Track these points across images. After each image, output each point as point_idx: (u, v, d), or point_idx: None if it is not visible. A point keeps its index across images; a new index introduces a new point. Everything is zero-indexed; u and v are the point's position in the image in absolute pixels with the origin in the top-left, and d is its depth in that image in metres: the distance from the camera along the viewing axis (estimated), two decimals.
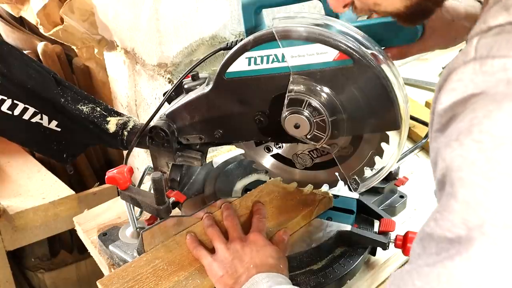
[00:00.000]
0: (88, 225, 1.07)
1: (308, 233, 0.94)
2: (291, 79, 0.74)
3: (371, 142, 0.81)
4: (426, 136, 1.34)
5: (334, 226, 0.94)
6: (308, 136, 0.77)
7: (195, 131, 0.87)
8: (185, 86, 0.89)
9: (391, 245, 0.91)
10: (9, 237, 1.57)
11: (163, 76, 1.28)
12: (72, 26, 1.43)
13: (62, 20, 1.44)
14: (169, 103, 0.92)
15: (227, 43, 0.84)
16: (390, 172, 1.09)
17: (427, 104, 1.57)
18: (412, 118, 1.42)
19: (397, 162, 1.22)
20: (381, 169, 0.84)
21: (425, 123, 1.39)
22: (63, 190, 1.59)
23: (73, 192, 1.58)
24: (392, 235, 0.91)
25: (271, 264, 0.80)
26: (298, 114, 0.75)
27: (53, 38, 1.50)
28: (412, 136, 1.41)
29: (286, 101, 0.75)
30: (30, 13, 1.55)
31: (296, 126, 0.76)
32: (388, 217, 0.96)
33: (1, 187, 1.59)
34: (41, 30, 1.50)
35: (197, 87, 0.87)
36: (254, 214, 0.91)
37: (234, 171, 1.11)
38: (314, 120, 0.75)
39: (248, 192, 1.01)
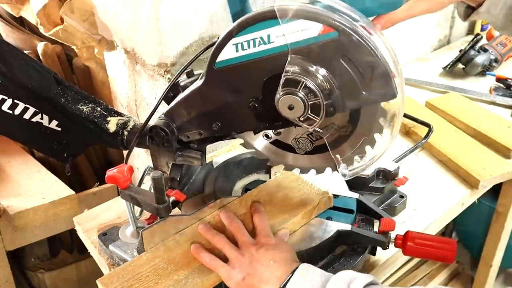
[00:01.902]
0: (88, 225, 1.07)
1: (308, 233, 0.94)
2: (288, 59, 0.72)
3: (364, 130, 0.80)
4: (426, 136, 1.34)
5: (334, 226, 0.94)
6: (302, 118, 0.76)
7: (194, 127, 0.86)
8: (181, 84, 0.89)
9: (391, 245, 0.91)
10: (9, 237, 1.57)
11: (163, 76, 1.28)
12: (72, 26, 1.43)
13: (62, 20, 1.44)
14: (168, 104, 0.92)
15: (218, 37, 0.84)
16: (390, 172, 1.10)
17: (427, 104, 1.58)
18: (412, 118, 1.42)
19: (396, 161, 1.23)
20: (371, 159, 0.83)
21: (425, 123, 1.39)
22: (63, 190, 1.59)
23: (73, 192, 1.58)
24: (392, 235, 0.91)
25: (292, 258, 0.81)
26: (293, 95, 0.74)
27: (53, 38, 1.50)
28: (412, 136, 1.41)
29: (282, 81, 0.74)
30: (30, 13, 1.55)
31: (290, 108, 0.75)
32: (388, 217, 0.96)
33: (1, 187, 1.59)
34: (41, 30, 1.50)
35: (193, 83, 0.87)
36: (254, 214, 0.91)
37: (234, 171, 1.11)
38: (309, 102, 0.74)
39: (248, 192, 1.01)
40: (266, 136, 0.93)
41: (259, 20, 0.72)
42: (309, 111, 0.75)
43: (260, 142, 0.94)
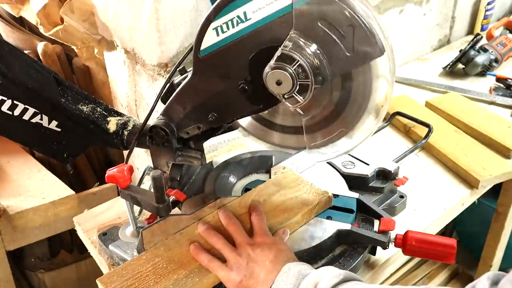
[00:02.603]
0: (88, 225, 1.07)
1: (308, 232, 0.94)
2: (290, 33, 0.71)
3: (345, 121, 0.80)
4: (426, 136, 1.34)
5: (334, 225, 0.94)
6: (286, 96, 0.75)
7: (191, 121, 0.86)
8: (175, 82, 0.89)
9: (391, 245, 0.91)
10: (9, 237, 1.57)
11: (163, 76, 1.28)
12: (72, 26, 1.43)
13: (62, 20, 1.44)
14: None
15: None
16: (390, 172, 1.10)
17: (427, 104, 1.58)
18: (412, 118, 1.42)
19: (396, 161, 1.23)
20: (347, 150, 0.84)
21: (425, 123, 1.39)
22: (63, 190, 1.58)
23: (73, 192, 1.58)
24: (392, 235, 0.92)
25: (287, 256, 0.81)
26: (283, 70, 0.72)
27: (53, 38, 1.50)
28: (412, 136, 1.41)
29: (277, 54, 0.72)
30: (30, 13, 1.55)
31: (278, 83, 0.74)
32: (388, 216, 0.96)
33: (1, 187, 1.59)
34: (41, 30, 1.50)
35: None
36: (252, 213, 0.92)
37: (234, 171, 1.11)
38: (298, 82, 0.73)
39: (247, 192, 1.01)
40: None
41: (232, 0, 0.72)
42: (296, 90, 0.74)
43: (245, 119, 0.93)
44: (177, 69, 0.89)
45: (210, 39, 0.76)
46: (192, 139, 0.90)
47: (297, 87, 0.73)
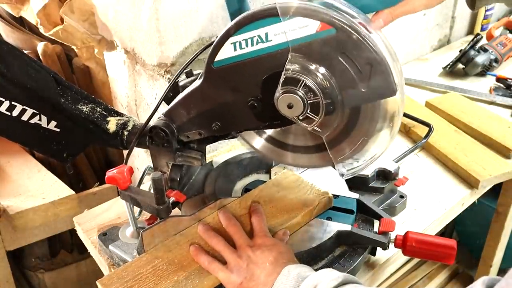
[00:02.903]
0: (88, 225, 1.07)
1: (308, 233, 0.94)
2: (289, 57, 0.72)
3: (363, 130, 0.80)
4: (426, 136, 1.34)
5: (334, 226, 0.94)
6: (301, 117, 0.75)
7: (194, 127, 0.86)
8: (181, 84, 0.89)
9: (391, 245, 0.91)
10: (9, 237, 1.57)
11: (163, 76, 1.28)
12: (72, 26, 1.43)
13: (62, 20, 1.43)
14: (168, 104, 0.92)
15: (216, 37, 0.84)
16: (390, 172, 1.10)
17: (427, 104, 1.57)
18: (412, 118, 1.42)
19: (396, 161, 1.23)
20: (370, 158, 0.83)
21: (425, 123, 1.39)
22: (63, 190, 1.58)
23: (73, 192, 1.58)
24: (392, 235, 0.91)
25: (287, 258, 0.81)
26: (292, 93, 0.73)
27: (53, 38, 1.50)
28: (412, 136, 1.41)
29: (281, 79, 0.73)
30: (30, 13, 1.55)
31: (290, 106, 0.74)
32: (388, 217, 0.96)
33: (1, 187, 1.59)
34: (41, 30, 1.50)
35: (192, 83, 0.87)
36: (252, 214, 0.92)
37: (234, 171, 1.11)
38: (309, 101, 0.73)
39: (247, 192, 1.01)
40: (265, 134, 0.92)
41: (257, 18, 0.72)
42: (308, 110, 0.74)
43: (258, 141, 0.93)
44: (184, 71, 0.88)
45: (227, 52, 0.76)
46: (193, 142, 0.90)
47: (309, 107, 0.74)
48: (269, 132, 0.92)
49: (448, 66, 1.87)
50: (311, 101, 0.73)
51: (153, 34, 1.20)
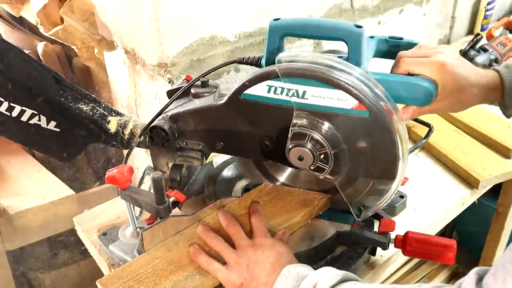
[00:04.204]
0: (88, 225, 1.07)
1: (308, 233, 0.94)
2: (294, 114, 0.76)
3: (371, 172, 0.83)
4: (426, 136, 1.34)
5: (334, 226, 0.94)
6: (312, 168, 0.80)
7: (197, 138, 0.87)
8: (193, 91, 0.89)
9: (391, 245, 0.91)
10: (9, 237, 1.57)
11: (163, 76, 1.28)
12: (72, 26, 1.43)
13: (62, 20, 1.44)
14: (169, 98, 0.92)
15: (243, 58, 0.85)
16: None
17: None
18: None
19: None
20: (388, 195, 0.86)
21: (425, 123, 1.39)
22: (63, 190, 1.59)
23: (73, 192, 1.58)
24: (392, 235, 0.91)
25: (287, 258, 0.81)
26: (301, 147, 0.78)
27: (53, 38, 1.50)
28: (412, 136, 1.41)
29: (290, 135, 0.78)
30: (30, 13, 1.55)
31: (300, 158, 0.79)
32: (388, 217, 0.96)
33: (1, 187, 1.59)
34: (41, 30, 1.50)
35: (205, 94, 0.88)
36: (252, 214, 0.91)
37: (234, 171, 1.11)
38: (318, 153, 0.78)
39: (247, 192, 1.01)
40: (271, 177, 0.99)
41: (305, 76, 0.74)
42: (318, 161, 0.79)
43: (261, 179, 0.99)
44: (200, 79, 0.89)
45: (259, 90, 0.78)
46: (188, 149, 0.91)
47: (318, 158, 0.78)
48: (281, 179, 0.99)
49: None
50: (319, 152, 0.78)
51: (153, 34, 1.20)
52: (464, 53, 1.83)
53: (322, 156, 0.78)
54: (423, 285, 0.64)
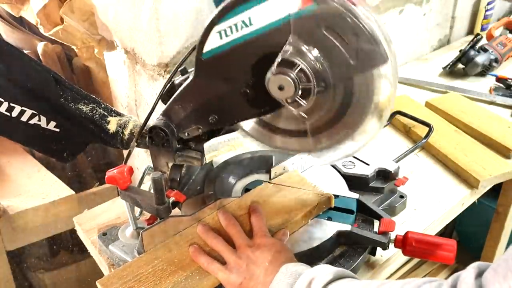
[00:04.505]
0: (88, 225, 1.07)
1: (308, 233, 0.94)
2: (289, 38, 0.71)
3: (349, 123, 0.79)
4: (426, 136, 1.34)
5: (334, 226, 0.94)
6: (289, 100, 0.75)
7: (192, 123, 0.86)
8: (176, 82, 0.89)
9: (391, 245, 0.91)
10: (9, 237, 1.57)
11: (163, 76, 1.28)
12: (72, 26, 1.43)
13: (62, 20, 1.44)
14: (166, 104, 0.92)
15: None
16: (390, 172, 1.10)
17: (427, 104, 1.57)
18: (412, 118, 1.42)
19: (396, 161, 1.23)
20: (353, 150, 0.83)
21: (425, 123, 1.39)
22: (63, 190, 1.59)
23: (73, 192, 1.58)
24: (392, 235, 0.91)
25: (286, 257, 0.81)
26: (285, 75, 0.72)
27: (53, 38, 1.50)
28: (412, 136, 1.41)
29: (278, 60, 0.72)
30: (30, 13, 1.55)
31: (280, 88, 0.74)
32: (388, 217, 0.96)
33: (1, 187, 1.59)
34: (41, 30, 1.50)
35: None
36: (252, 214, 0.91)
37: (234, 171, 1.11)
38: (300, 86, 0.73)
39: (247, 192, 1.01)
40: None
41: (239, 3, 0.72)
42: (299, 95, 0.74)
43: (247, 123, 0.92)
44: (178, 70, 0.89)
45: (213, 42, 0.76)
46: (192, 140, 0.90)
47: (300, 92, 0.73)
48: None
49: (448, 66, 1.87)
50: (303, 86, 0.73)
51: (153, 34, 1.20)
52: (464, 53, 1.83)
53: (304, 90, 0.73)
54: (415, 279, 0.64)
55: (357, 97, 0.77)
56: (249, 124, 0.92)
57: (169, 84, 0.90)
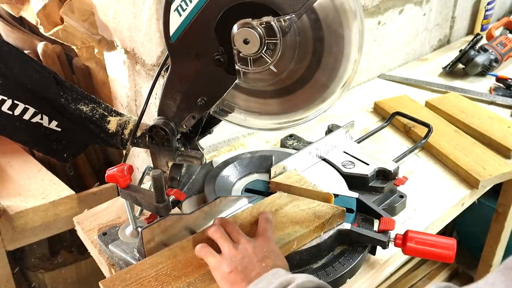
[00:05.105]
0: (88, 225, 1.07)
1: None
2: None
3: (317, 86, 0.81)
4: (426, 136, 1.34)
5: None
6: (253, 57, 0.74)
7: (185, 112, 0.85)
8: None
9: (391, 244, 0.91)
10: (9, 237, 1.57)
11: (163, 76, 1.28)
12: (72, 26, 1.43)
13: (62, 20, 1.44)
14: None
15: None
16: (390, 172, 1.10)
17: (427, 104, 1.58)
18: (412, 118, 1.42)
19: (396, 161, 1.23)
20: (317, 110, 0.85)
21: (425, 123, 1.39)
22: (63, 190, 1.58)
23: (73, 192, 1.58)
24: (392, 234, 0.92)
25: (282, 264, 0.80)
26: (250, 28, 0.71)
27: (53, 38, 1.50)
28: (412, 136, 1.41)
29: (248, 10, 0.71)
30: (30, 13, 1.55)
31: (246, 42, 0.72)
32: (388, 216, 0.96)
33: (1, 187, 1.59)
34: (41, 30, 1.50)
35: None
36: (260, 216, 0.91)
37: (234, 171, 1.11)
38: (266, 41, 0.72)
39: (259, 201, 1.00)
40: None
41: None
42: (264, 50, 0.73)
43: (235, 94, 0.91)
44: (164, 69, 0.88)
45: (175, 21, 0.76)
46: (193, 132, 0.89)
47: (265, 46, 0.72)
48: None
49: (448, 66, 1.87)
50: (268, 41, 0.72)
51: (153, 34, 1.20)
52: (464, 53, 1.83)
53: (269, 46, 0.72)
54: None
55: (325, 58, 0.77)
56: (240, 97, 0.90)
57: (155, 83, 0.90)
